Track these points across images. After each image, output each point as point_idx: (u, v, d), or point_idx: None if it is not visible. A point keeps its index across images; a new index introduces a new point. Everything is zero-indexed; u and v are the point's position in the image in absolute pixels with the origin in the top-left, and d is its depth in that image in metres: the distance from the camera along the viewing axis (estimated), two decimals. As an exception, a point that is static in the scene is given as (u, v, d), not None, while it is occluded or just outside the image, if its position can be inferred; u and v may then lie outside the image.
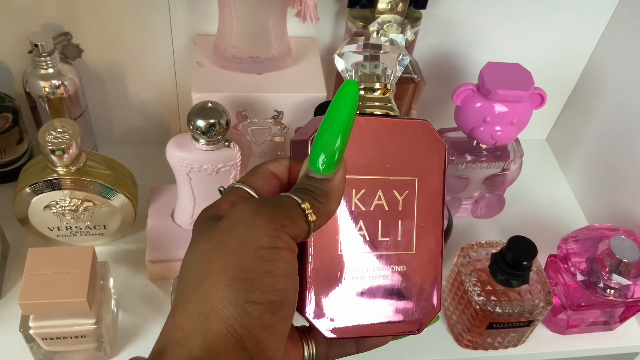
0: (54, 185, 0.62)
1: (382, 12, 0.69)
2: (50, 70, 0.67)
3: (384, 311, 0.34)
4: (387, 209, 0.34)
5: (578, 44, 0.84)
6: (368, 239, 0.34)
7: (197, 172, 0.62)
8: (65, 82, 0.68)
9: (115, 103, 0.79)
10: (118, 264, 0.70)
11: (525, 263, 0.61)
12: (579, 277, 0.66)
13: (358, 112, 0.34)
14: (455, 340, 0.69)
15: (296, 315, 0.34)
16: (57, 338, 0.58)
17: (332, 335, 0.33)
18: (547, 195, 0.89)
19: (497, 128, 0.70)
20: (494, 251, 0.65)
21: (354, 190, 0.33)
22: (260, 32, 0.67)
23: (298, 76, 0.71)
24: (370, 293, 0.34)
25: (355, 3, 0.70)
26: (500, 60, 0.71)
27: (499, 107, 0.68)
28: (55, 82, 0.68)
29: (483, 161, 0.74)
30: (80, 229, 0.68)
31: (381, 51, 0.35)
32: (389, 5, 0.69)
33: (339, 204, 0.32)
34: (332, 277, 0.33)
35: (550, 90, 0.70)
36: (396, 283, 0.34)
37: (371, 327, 0.34)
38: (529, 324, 0.64)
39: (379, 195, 0.34)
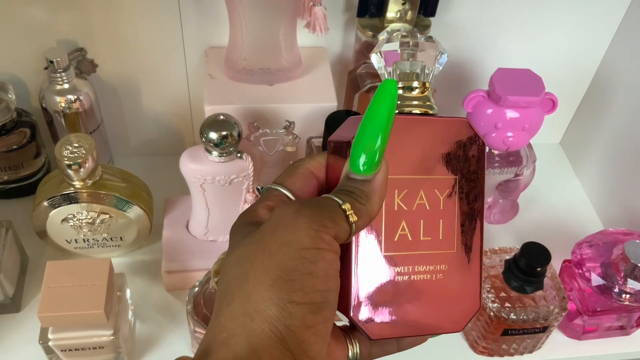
0: (71, 199, 0.63)
1: (392, 21, 0.70)
2: (66, 86, 0.68)
3: (427, 311, 0.34)
4: (428, 208, 0.34)
5: (589, 47, 0.84)
6: (410, 238, 0.33)
7: (210, 184, 0.63)
8: (81, 97, 0.70)
9: (130, 116, 0.80)
10: (134, 275, 0.71)
11: (539, 269, 0.61)
12: (594, 282, 0.65)
13: (397, 112, 0.34)
14: (470, 347, 0.69)
15: (338, 314, 0.34)
16: (75, 349, 0.59)
17: (377, 336, 0.33)
18: (562, 200, 0.88)
19: (509, 134, 0.70)
20: (507, 257, 0.65)
21: (396, 191, 0.33)
22: (271, 43, 0.68)
23: (309, 86, 0.71)
24: (414, 293, 0.34)
25: (365, 12, 0.70)
26: (511, 65, 0.71)
27: (510, 113, 0.68)
28: (71, 97, 0.69)
29: (496, 167, 0.74)
30: (97, 241, 0.69)
31: (419, 49, 0.35)
32: (398, 14, 0.69)
33: (381, 204, 0.31)
34: (376, 277, 0.33)
35: (563, 94, 0.70)
36: (438, 282, 0.34)
37: (414, 327, 0.34)
38: (544, 330, 0.64)
39: (421, 195, 0.34)
